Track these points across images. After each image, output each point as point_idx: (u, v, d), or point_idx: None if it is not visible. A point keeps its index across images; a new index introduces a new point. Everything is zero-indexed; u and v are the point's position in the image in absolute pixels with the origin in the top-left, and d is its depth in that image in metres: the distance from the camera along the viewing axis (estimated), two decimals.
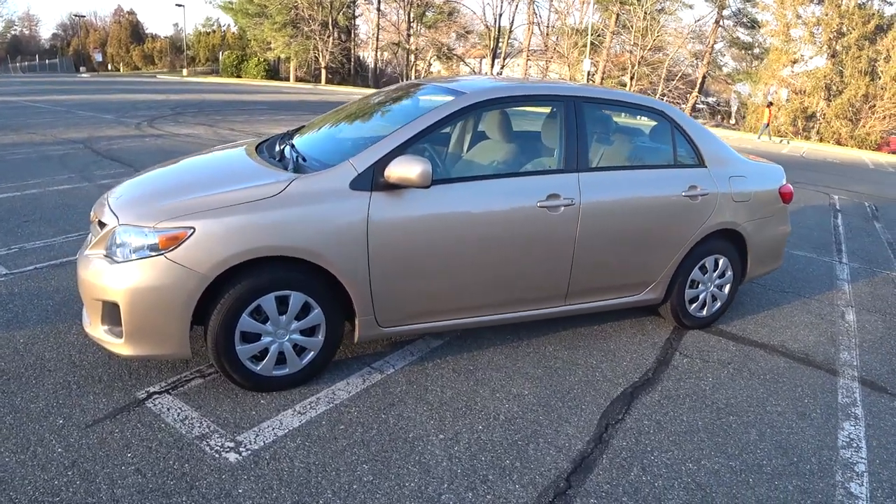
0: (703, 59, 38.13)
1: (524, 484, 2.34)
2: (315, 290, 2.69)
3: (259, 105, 19.49)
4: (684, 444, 2.72)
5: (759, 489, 2.48)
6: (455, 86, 3.26)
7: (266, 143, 3.53)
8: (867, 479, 2.62)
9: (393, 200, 2.73)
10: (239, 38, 47.59)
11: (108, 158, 8.68)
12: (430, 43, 44.86)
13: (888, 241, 7.27)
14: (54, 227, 5.17)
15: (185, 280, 2.45)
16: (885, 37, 28.74)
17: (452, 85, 3.30)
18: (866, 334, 4.21)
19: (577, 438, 2.66)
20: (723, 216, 3.69)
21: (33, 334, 3.19)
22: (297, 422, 2.59)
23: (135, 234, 2.51)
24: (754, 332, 4.04)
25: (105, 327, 2.59)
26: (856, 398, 3.31)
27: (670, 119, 3.62)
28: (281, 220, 2.55)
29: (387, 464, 2.37)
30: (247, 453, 2.37)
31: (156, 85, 29.07)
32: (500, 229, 2.97)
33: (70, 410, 2.56)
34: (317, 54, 42.04)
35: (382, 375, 3.02)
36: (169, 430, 2.48)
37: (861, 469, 2.69)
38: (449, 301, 2.98)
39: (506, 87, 3.21)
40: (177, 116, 14.27)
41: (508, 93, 3.16)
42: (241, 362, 2.66)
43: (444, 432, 2.60)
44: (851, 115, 28.68)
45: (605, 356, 3.47)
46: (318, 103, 22.71)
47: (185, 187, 2.82)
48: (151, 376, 2.86)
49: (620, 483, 2.41)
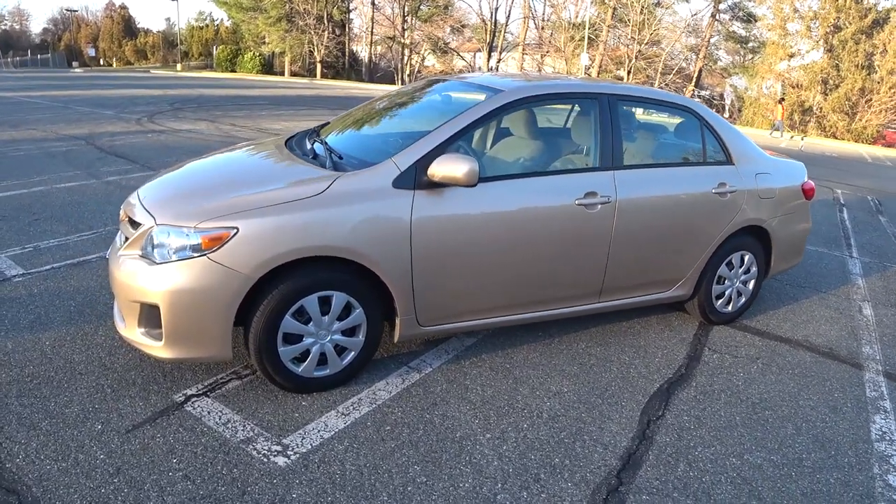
0: (700, 53, 38.22)
1: (576, 482, 2.36)
2: (357, 290, 2.68)
3: (258, 100, 19.38)
4: (725, 439, 2.75)
5: (802, 482, 2.51)
6: (488, 83, 3.26)
7: (294, 140, 3.50)
8: None
9: (435, 199, 2.74)
10: (233, 32, 47.29)
11: (113, 155, 8.62)
12: (424, 37, 44.70)
13: (895, 235, 7.34)
14: (66, 224, 5.14)
15: (228, 281, 2.43)
16: (882, 31, 28.95)
17: (484, 82, 3.30)
18: (885, 328, 4.26)
19: (622, 435, 2.69)
20: (750, 213, 3.72)
21: (59, 336, 3.14)
22: (342, 423, 2.59)
23: (175, 235, 2.48)
24: (777, 328, 4.08)
25: (142, 329, 2.56)
26: (883, 392, 3.35)
27: (699, 116, 3.63)
28: (325, 219, 2.54)
29: (438, 464, 2.38)
30: (295, 457, 2.35)
31: (151, 80, 28.84)
32: (540, 227, 2.98)
33: (107, 415, 2.52)
34: (311, 48, 41.82)
35: (421, 375, 3.03)
36: (212, 434, 2.45)
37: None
38: (488, 299, 3.00)
39: (542, 84, 3.22)
40: (176, 112, 14.18)
41: (545, 90, 3.17)
42: (284, 364, 2.65)
43: (490, 431, 2.62)
44: (848, 108, 28.89)
45: (637, 352, 3.50)
46: (317, 98, 22.62)
47: (223, 186, 2.79)
48: (187, 379, 2.83)
49: (669, 479, 2.44)
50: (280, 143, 3.47)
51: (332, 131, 3.61)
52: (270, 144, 3.49)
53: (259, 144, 3.59)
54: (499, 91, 3.04)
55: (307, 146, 3.26)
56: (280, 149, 3.29)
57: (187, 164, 3.32)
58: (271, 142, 3.58)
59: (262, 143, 3.59)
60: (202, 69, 43.37)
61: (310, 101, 20.90)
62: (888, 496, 2.49)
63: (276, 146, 3.38)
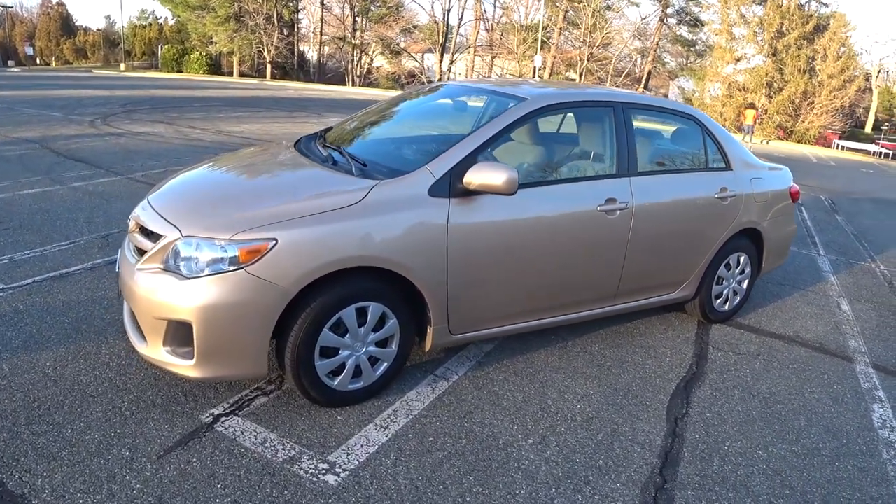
0: (649, 56, 39.43)
1: (623, 482, 2.43)
2: (391, 301, 2.67)
3: (212, 101, 18.86)
4: (748, 433, 2.88)
5: (826, 471, 2.66)
6: (509, 90, 3.30)
7: (304, 145, 3.41)
8: None
9: (469, 206, 2.75)
10: (177, 31, 45.76)
11: (72, 159, 8.24)
12: (375, 37, 44.43)
13: (853, 234, 7.79)
14: (39, 234, 4.90)
15: (267, 295, 2.35)
16: (822, 37, 30.60)
17: (505, 89, 3.34)
18: (864, 323, 4.52)
19: (654, 434, 2.78)
20: (747, 216, 3.89)
21: (59, 356, 2.95)
22: (384, 436, 2.56)
23: (206, 247, 2.37)
24: (769, 324, 4.28)
25: (167, 348, 2.42)
26: (875, 382, 3.57)
27: (701, 124, 3.78)
28: (364, 228, 2.51)
29: (490, 473, 2.40)
30: (345, 474, 2.31)
31: (95, 80, 27.62)
32: (567, 234, 3.05)
33: (133, 440, 2.38)
34: (261, 49, 40.98)
35: (449, 383, 3.05)
36: (252, 456, 2.35)
37: None
38: (516, 305, 3.04)
39: (563, 92, 3.29)
40: (130, 114, 13.65)
41: (567, 98, 3.24)
42: (320, 378, 2.60)
43: (531, 437, 2.66)
44: (791, 111, 30.42)
45: (648, 353, 3.61)
46: (272, 99, 22.20)
47: (251, 195, 2.72)
48: (209, 397, 2.73)
49: (708, 474, 2.54)
50: (291, 147, 3.40)
51: (342, 137, 3.58)
52: (281, 149, 3.42)
53: (268, 149, 3.52)
54: (523, 99, 3.08)
55: (322, 152, 3.20)
56: (294, 154, 3.22)
57: (196, 170, 3.20)
58: (281, 146, 3.51)
59: (272, 148, 3.52)
60: (147, 69, 41.81)
61: (266, 102, 20.48)
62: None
63: (289, 151, 3.31)
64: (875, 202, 11.32)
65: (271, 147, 3.59)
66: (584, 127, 3.39)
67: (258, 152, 3.50)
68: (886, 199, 11.89)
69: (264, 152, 3.46)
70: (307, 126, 14.00)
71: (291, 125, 14.00)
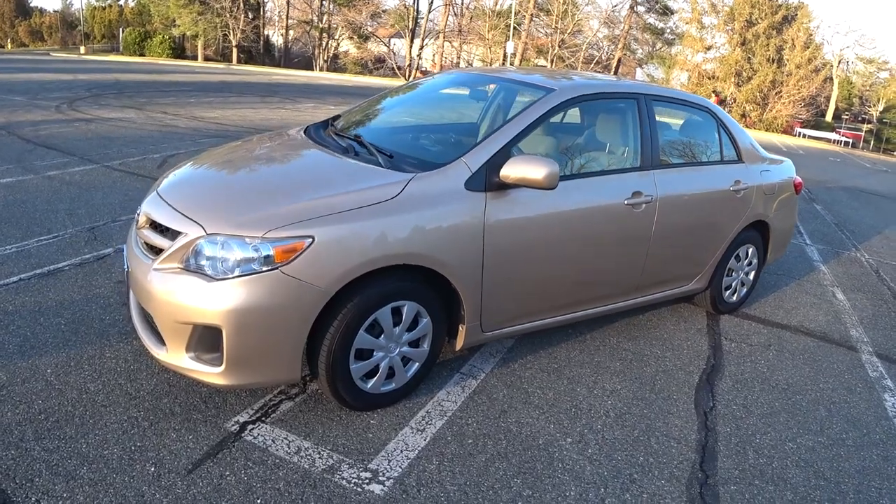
0: (619, 44, 39.70)
1: (667, 478, 2.42)
2: (426, 299, 2.60)
3: (181, 86, 18.25)
4: (775, 425, 2.91)
5: (853, 461, 2.71)
6: (534, 81, 3.24)
7: (316, 134, 3.26)
8: None
9: (504, 200, 2.69)
10: (138, 13, 44.09)
11: (43, 146, 7.86)
12: (343, 22, 43.65)
13: (834, 223, 8.01)
14: (18, 228, 4.64)
15: (303, 297, 2.24)
16: (791, 27, 31.29)
17: (529, 79, 3.29)
18: (861, 312, 4.64)
19: (687, 428, 2.79)
20: (758, 208, 3.93)
21: (60, 362, 2.74)
22: (422, 440, 2.48)
23: (236, 246, 2.23)
24: (773, 315, 4.35)
25: (191, 354, 2.28)
26: (882, 372, 3.66)
27: (716, 116, 3.79)
28: (404, 224, 2.41)
29: (536, 475, 2.36)
30: (390, 483, 2.22)
31: (55, 64, 26.42)
32: (596, 228, 3.02)
33: (157, 454, 2.22)
34: (226, 32, 39.85)
35: (478, 381, 3.00)
36: (289, 466, 2.24)
37: None
38: (547, 300, 3.00)
39: (590, 84, 3.24)
40: (97, 98, 13.11)
41: (594, 90, 3.18)
42: (354, 382, 2.51)
43: (570, 435, 2.63)
44: (760, 100, 31.12)
45: (665, 345, 3.63)
46: (242, 84, 21.62)
47: (278, 188, 2.56)
48: (231, 403, 2.59)
49: (746, 467, 2.56)
50: (303, 136, 3.25)
51: (355, 125, 3.46)
52: (293, 138, 3.27)
53: (278, 139, 3.36)
54: (552, 90, 3.02)
55: (339, 142, 3.05)
56: (309, 144, 3.08)
57: (206, 160, 3.02)
58: (291, 135, 3.36)
59: (280, 138, 3.36)
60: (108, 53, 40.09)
61: (235, 87, 19.93)
62: None
63: (302, 141, 3.16)
64: (848, 191, 11.66)
65: (280, 136, 3.44)
66: (611, 119, 3.35)
67: (268, 141, 3.35)
68: (858, 188, 12.27)
69: (275, 141, 3.32)
70: (283, 112, 13.69)
71: (267, 111, 13.66)
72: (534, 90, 3.12)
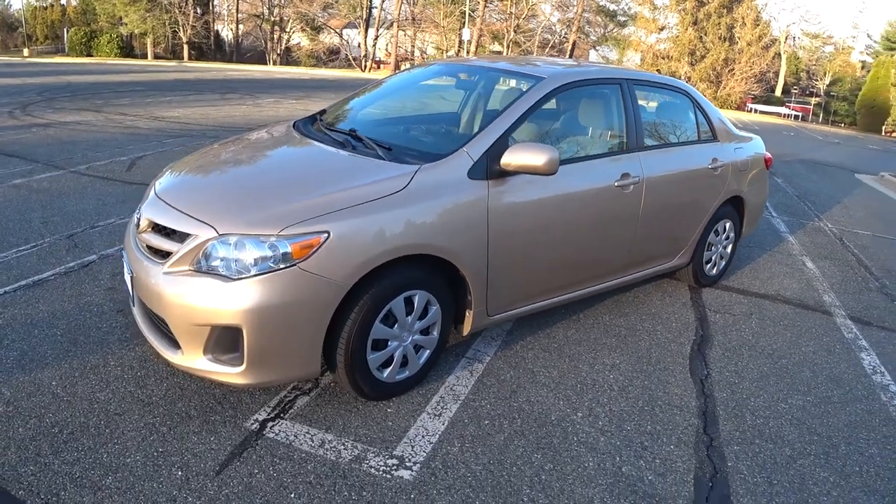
0: (573, 27, 40.07)
1: (675, 443, 2.56)
2: (435, 287, 2.66)
3: (135, 86, 17.74)
4: (767, 387, 3.09)
5: (840, 416, 2.90)
6: (525, 70, 3.32)
7: (310, 130, 3.26)
8: None
9: (505, 187, 2.76)
10: (82, 12, 42.38)
11: (2, 154, 7.59)
12: (295, 14, 42.89)
13: (795, 195, 8.35)
14: None
15: (322, 292, 2.27)
16: (741, 5, 32.05)
17: (520, 69, 3.36)
18: (831, 279, 4.90)
19: (687, 396, 2.93)
20: (733, 184, 4.11)
21: (64, 373, 2.70)
22: (441, 425, 2.55)
23: (251, 245, 2.24)
24: (750, 285, 4.56)
25: (209, 356, 2.29)
26: (856, 333, 3.89)
27: (692, 97, 3.94)
28: (413, 215, 2.47)
29: (554, 449, 2.46)
30: (417, 467, 2.28)
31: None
32: (590, 209, 3.13)
33: (181, 458, 2.22)
34: (175, 29, 38.76)
35: (484, 365, 3.08)
36: (316, 460, 2.27)
37: (895, 389, 3.22)
38: (546, 282, 3.10)
39: (577, 71, 3.33)
40: (50, 102, 12.66)
41: (581, 76, 3.27)
42: (371, 372, 2.56)
43: (579, 410, 2.75)
44: (714, 77, 31.92)
45: (655, 320, 3.78)
46: (197, 81, 21.12)
47: (285, 186, 2.56)
48: (246, 402, 2.61)
49: (745, 429, 2.71)
50: (294, 132, 3.25)
51: (345, 119, 3.48)
52: (284, 134, 3.26)
53: (269, 135, 3.35)
54: (541, 78, 3.10)
55: (334, 136, 3.06)
56: (304, 139, 3.08)
57: (201, 160, 3.00)
58: (280, 131, 3.36)
59: (270, 133, 3.36)
60: (53, 54, 38.52)
61: (191, 84, 19.47)
62: None
63: (295, 136, 3.16)
64: (804, 164, 12.14)
65: (269, 132, 3.43)
66: (597, 104, 3.45)
67: (260, 139, 3.35)
68: (814, 161, 12.78)
69: (267, 138, 3.32)
70: (244, 108, 13.47)
71: (228, 107, 13.42)
72: (524, 79, 3.19)
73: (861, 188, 10.33)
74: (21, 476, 2.09)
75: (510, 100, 2.99)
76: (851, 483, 2.44)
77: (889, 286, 4.88)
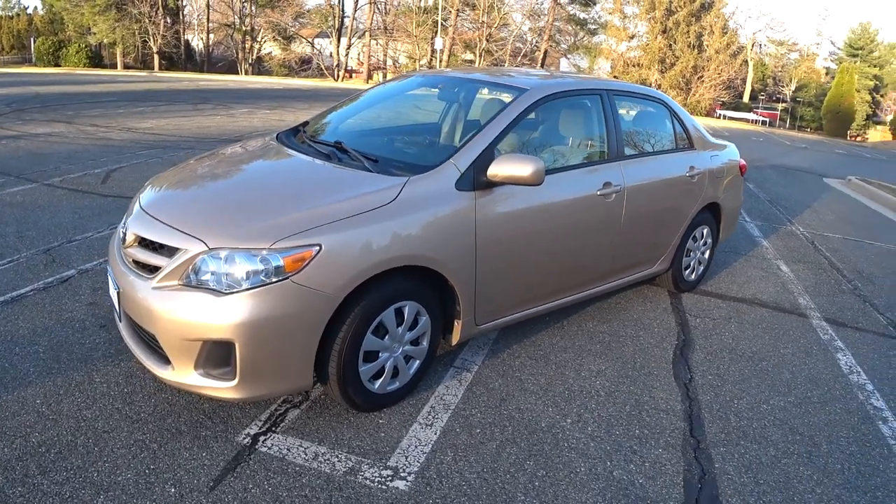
0: (544, 36, 40.55)
1: (664, 447, 2.61)
2: (424, 298, 2.68)
3: (106, 97, 17.45)
4: (749, 390, 3.16)
5: (820, 415, 2.99)
6: (504, 81, 3.37)
7: (294, 143, 3.26)
8: (879, 395, 3.25)
9: (491, 198, 2.80)
10: (50, 22, 41.56)
11: None
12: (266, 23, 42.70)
13: (767, 200, 8.56)
14: None
15: (314, 305, 2.27)
16: (709, 13, 32.87)
17: (498, 80, 3.41)
18: (805, 282, 5.04)
19: (672, 400, 2.99)
20: (710, 191, 4.21)
21: (48, 391, 2.64)
22: (433, 434, 2.56)
23: (242, 259, 2.23)
24: (728, 289, 4.67)
25: (200, 371, 2.28)
26: (832, 334, 4.01)
27: (669, 107, 4.03)
28: (402, 227, 2.49)
29: (546, 455, 2.49)
30: (412, 478, 2.29)
31: None
32: (574, 218, 3.19)
33: (173, 474, 2.20)
34: (146, 38, 38.26)
35: (472, 374, 3.10)
36: (310, 473, 2.26)
37: (870, 388, 3.33)
38: (534, 290, 3.15)
39: (558, 82, 3.39)
40: (20, 114, 12.39)
41: (562, 87, 3.33)
42: (363, 383, 2.57)
43: (568, 416, 2.78)
44: (683, 85, 32.60)
45: (637, 325, 3.84)
46: (168, 91, 20.86)
47: (274, 199, 2.55)
48: (237, 416, 2.59)
49: (730, 430, 2.78)
50: (277, 144, 3.25)
51: (328, 131, 3.49)
52: (267, 147, 3.27)
53: (252, 147, 3.34)
54: (524, 90, 3.15)
55: (319, 148, 3.07)
56: (288, 151, 3.09)
57: (184, 173, 2.98)
58: (263, 144, 3.35)
59: (258, 146, 3.35)
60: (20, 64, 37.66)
61: (163, 95, 19.22)
62: (879, 415, 3.07)
63: (279, 148, 3.16)
64: (775, 169, 12.46)
65: (254, 145, 3.42)
66: (578, 114, 3.52)
67: (244, 151, 3.34)
68: (783, 166, 13.12)
69: (252, 150, 3.31)
70: (218, 118, 13.35)
71: (201, 118, 13.28)
72: (506, 90, 3.24)
73: (829, 192, 10.64)
74: (9, 498, 2.05)
75: (493, 111, 3.04)
76: (834, 480, 2.52)
77: (861, 288, 5.04)
